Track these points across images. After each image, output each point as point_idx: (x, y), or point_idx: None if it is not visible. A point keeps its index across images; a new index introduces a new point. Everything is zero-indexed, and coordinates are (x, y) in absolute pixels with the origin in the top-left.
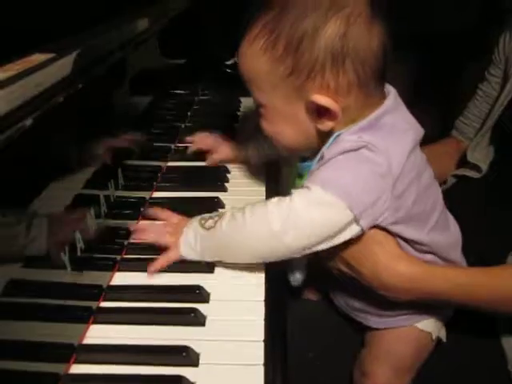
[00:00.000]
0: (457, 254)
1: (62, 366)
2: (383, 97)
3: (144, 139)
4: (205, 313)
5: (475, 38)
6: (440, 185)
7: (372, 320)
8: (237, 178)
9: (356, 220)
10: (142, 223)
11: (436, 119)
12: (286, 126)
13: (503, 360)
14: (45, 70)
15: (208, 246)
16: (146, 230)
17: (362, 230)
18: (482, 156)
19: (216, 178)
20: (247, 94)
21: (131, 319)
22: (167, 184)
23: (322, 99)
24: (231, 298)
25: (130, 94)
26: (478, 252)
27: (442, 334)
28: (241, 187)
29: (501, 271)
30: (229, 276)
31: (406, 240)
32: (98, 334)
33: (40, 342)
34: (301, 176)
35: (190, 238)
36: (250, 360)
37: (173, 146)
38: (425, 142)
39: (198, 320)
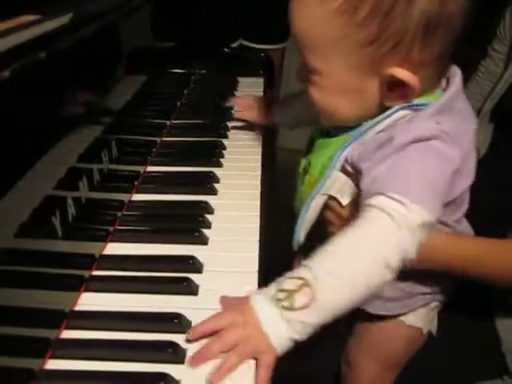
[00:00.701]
0: None
1: (52, 331)
2: (449, 73)
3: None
4: (198, 282)
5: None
6: None
7: (373, 303)
8: (232, 154)
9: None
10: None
11: None
12: (344, 97)
13: (497, 342)
14: (32, 29)
15: (315, 322)
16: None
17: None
18: (482, 138)
19: (211, 153)
20: (245, 74)
21: (124, 287)
22: (162, 159)
23: (403, 74)
24: (224, 268)
25: (127, 71)
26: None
27: (433, 327)
28: (236, 163)
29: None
30: (222, 247)
31: None
32: (90, 301)
33: (32, 308)
34: (329, 133)
35: (283, 331)
36: None
37: (168, 123)
38: None
39: (190, 289)
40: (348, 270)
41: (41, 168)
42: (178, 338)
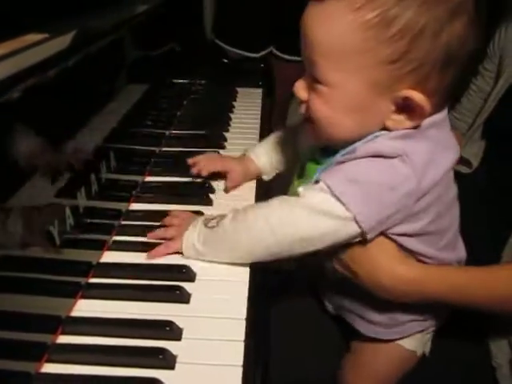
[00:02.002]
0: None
1: (49, 336)
2: (444, 107)
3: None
4: (190, 291)
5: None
6: None
7: (361, 324)
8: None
9: (363, 234)
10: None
11: None
12: (350, 114)
13: (488, 355)
14: (37, 49)
15: (209, 245)
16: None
17: (367, 241)
18: (473, 151)
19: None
20: (244, 84)
21: (119, 295)
22: (160, 168)
23: (419, 97)
24: (217, 277)
25: (128, 81)
26: (472, 246)
27: (427, 349)
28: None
29: (499, 271)
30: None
31: (410, 250)
32: (86, 308)
33: (30, 314)
34: (317, 162)
35: (194, 235)
36: (232, 336)
37: (167, 133)
38: None
39: (182, 297)
40: (248, 221)
41: (41, 176)
42: (170, 345)
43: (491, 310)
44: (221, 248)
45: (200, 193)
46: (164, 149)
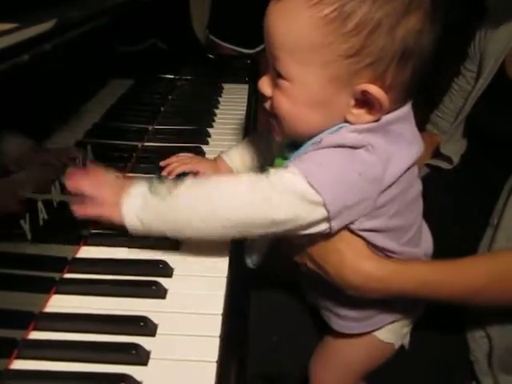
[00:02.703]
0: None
1: (20, 332)
2: (406, 102)
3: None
4: (167, 286)
5: (455, 35)
6: None
7: (334, 321)
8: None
9: (328, 219)
10: (76, 170)
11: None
12: (313, 108)
13: (465, 349)
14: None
15: (160, 215)
16: (81, 178)
17: (330, 229)
18: (454, 148)
19: None
20: (230, 80)
21: (94, 290)
22: (142, 164)
23: (377, 91)
24: (194, 273)
25: (112, 76)
26: (449, 240)
27: (406, 342)
28: None
29: (470, 265)
30: (193, 252)
31: (375, 246)
32: (60, 303)
33: (1, 309)
34: (285, 157)
35: (137, 203)
36: (208, 332)
37: (150, 128)
38: None
39: (159, 292)
40: (207, 197)
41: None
42: (144, 341)
43: (461, 303)
44: (173, 221)
45: None
46: (146, 144)
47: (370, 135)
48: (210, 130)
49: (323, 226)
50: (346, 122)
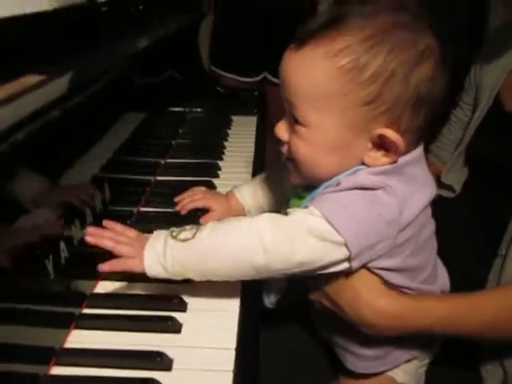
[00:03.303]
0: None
1: (42, 367)
2: (419, 144)
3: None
4: (181, 321)
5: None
6: None
7: (350, 360)
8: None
9: (349, 259)
10: (95, 228)
11: None
12: (330, 153)
13: (479, 379)
14: (37, 92)
15: (183, 259)
16: (100, 235)
17: (350, 269)
18: (456, 177)
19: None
20: (239, 112)
21: (111, 325)
22: (156, 199)
23: (393, 135)
24: (208, 307)
25: (123, 110)
26: (458, 270)
27: (421, 383)
28: None
29: (482, 300)
30: (206, 287)
31: (391, 284)
32: (79, 339)
33: (23, 345)
34: (301, 197)
35: (159, 249)
36: (221, 366)
37: (162, 162)
38: None
39: (174, 327)
40: (234, 236)
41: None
42: (160, 375)
43: (474, 337)
44: (196, 265)
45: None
46: (159, 178)
47: (385, 177)
48: (220, 163)
49: (344, 266)
50: (363, 164)
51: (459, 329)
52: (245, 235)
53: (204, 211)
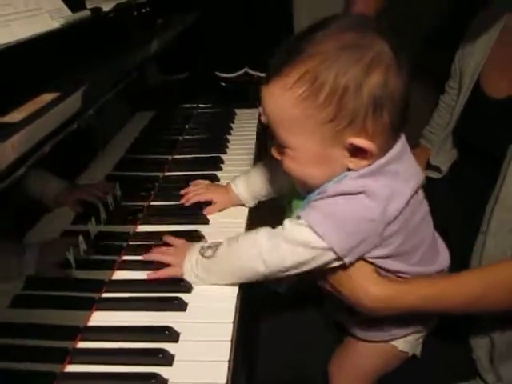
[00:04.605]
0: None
1: (70, 342)
2: (396, 141)
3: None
4: (187, 301)
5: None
6: None
7: (359, 332)
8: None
9: (340, 258)
10: (160, 248)
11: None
12: (315, 166)
13: (468, 349)
14: (54, 109)
15: (207, 272)
16: (164, 253)
17: (346, 264)
18: (443, 159)
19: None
20: (242, 106)
21: (127, 306)
22: (164, 193)
23: (361, 142)
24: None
25: (132, 110)
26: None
27: (418, 351)
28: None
29: (467, 279)
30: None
31: (387, 270)
32: (100, 318)
33: (55, 325)
34: (303, 198)
35: (193, 262)
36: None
37: (170, 158)
38: None
39: (180, 306)
40: (239, 249)
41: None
42: (169, 346)
43: (466, 313)
44: (217, 274)
45: (197, 213)
46: (167, 173)
47: (370, 179)
48: (224, 157)
49: (338, 263)
50: (349, 169)
51: (446, 306)
52: (249, 250)
53: (207, 203)
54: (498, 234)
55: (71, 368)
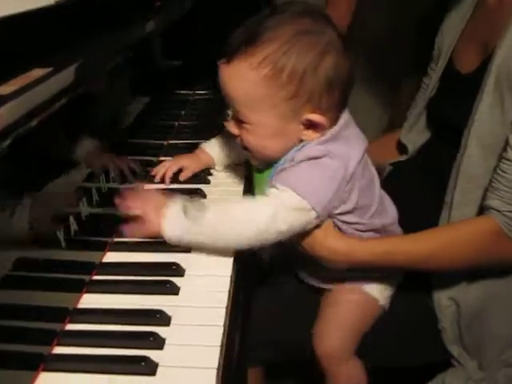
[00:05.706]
0: (392, 229)
1: (59, 324)
2: (342, 112)
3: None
4: (179, 284)
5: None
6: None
7: (327, 284)
8: (217, 178)
9: (318, 216)
10: (128, 192)
11: None
12: (273, 139)
13: (434, 318)
14: (45, 84)
15: (192, 232)
16: (136, 197)
17: (319, 223)
18: (415, 138)
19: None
20: None
21: (118, 289)
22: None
23: (316, 117)
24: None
25: (128, 94)
26: (413, 219)
27: (387, 304)
28: (221, 179)
29: (414, 238)
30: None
31: (348, 223)
32: (90, 301)
33: (43, 306)
34: (261, 171)
35: (175, 225)
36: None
37: (165, 143)
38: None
39: (172, 290)
40: (235, 219)
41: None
42: (160, 330)
43: (413, 270)
44: (206, 238)
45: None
46: (162, 158)
47: (330, 144)
48: None
49: (315, 222)
50: (301, 141)
51: (394, 263)
52: (238, 218)
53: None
54: (462, 205)
55: (59, 350)
